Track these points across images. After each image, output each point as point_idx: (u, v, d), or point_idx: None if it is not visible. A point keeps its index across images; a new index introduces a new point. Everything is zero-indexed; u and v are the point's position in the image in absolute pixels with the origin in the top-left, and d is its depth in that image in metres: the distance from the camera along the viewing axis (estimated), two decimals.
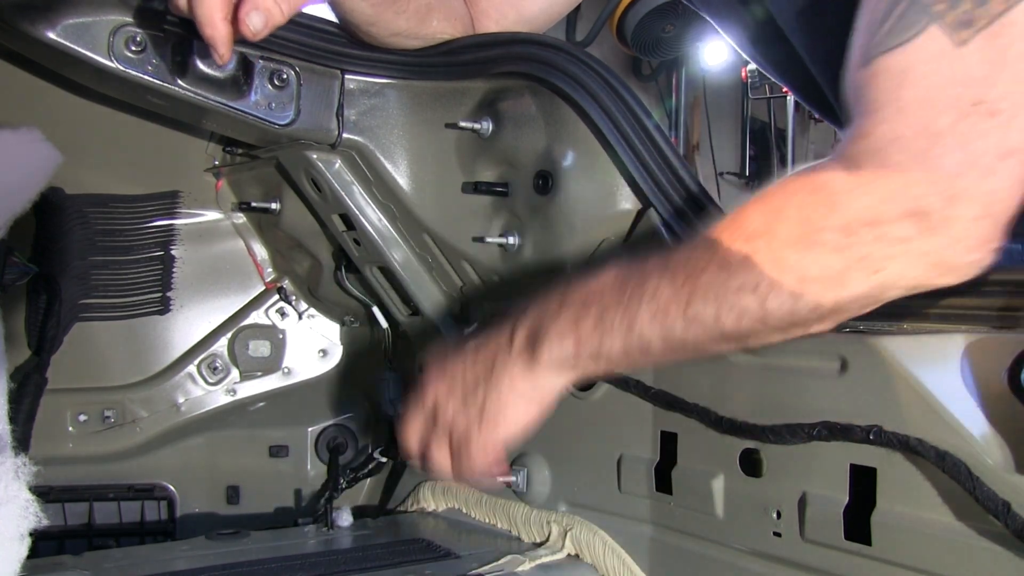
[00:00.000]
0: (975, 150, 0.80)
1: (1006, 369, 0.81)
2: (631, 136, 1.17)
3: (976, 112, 0.79)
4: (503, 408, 1.04)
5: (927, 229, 0.82)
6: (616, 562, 1.22)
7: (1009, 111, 0.79)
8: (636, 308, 0.95)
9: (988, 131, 0.79)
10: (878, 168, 0.83)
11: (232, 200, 1.74)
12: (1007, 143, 0.80)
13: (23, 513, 0.97)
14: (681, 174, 1.14)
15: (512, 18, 1.41)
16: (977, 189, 0.80)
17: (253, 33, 1.06)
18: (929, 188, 0.81)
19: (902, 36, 0.82)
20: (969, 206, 0.81)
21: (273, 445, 1.80)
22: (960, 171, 0.80)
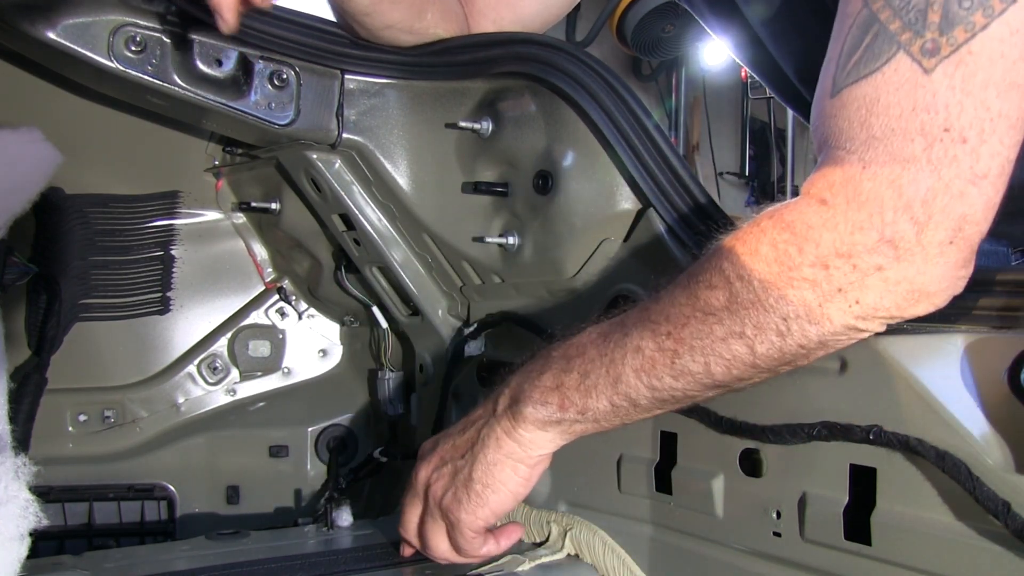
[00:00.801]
0: (946, 176, 0.81)
1: (1006, 369, 0.81)
2: (631, 136, 1.17)
3: (946, 139, 0.80)
4: (489, 473, 1.05)
5: (900, 257, 0.83)
6: (616, 562, 1.22)
7: (977, 137, 0.80)
8: (620, 364, 0.96)
9: (958, 157, 0.80)
10: (849, 199, 0.84)
11: (232, 200, 1.74)
12: (977, 168, 0.80)
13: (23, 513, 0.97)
14: (681, 174, 1.14)
15: (509, 19, 1.41)
16: (949, 214, 0.81)
17: None
18: (901, 215, 0.82)
19: (871, 66, 0.83)
20: (941, 232, 0.82)
21: (273, 445, 1.80)
22: (931, 197, 0.81)
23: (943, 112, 0.80)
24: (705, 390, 0.95)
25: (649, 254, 1.17)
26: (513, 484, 1.06)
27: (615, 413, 0.99)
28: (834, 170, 0.85)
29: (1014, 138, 0.81)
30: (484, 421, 1.06)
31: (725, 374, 0.92)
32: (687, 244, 1.12)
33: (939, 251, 0.82)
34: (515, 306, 1.39)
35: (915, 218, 0.82)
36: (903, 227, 0.82)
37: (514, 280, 1.38)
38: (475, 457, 1.06)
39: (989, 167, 0.81)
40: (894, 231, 0.82)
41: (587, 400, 0.99)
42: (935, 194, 0.81)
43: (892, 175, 0.82)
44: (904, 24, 0.81)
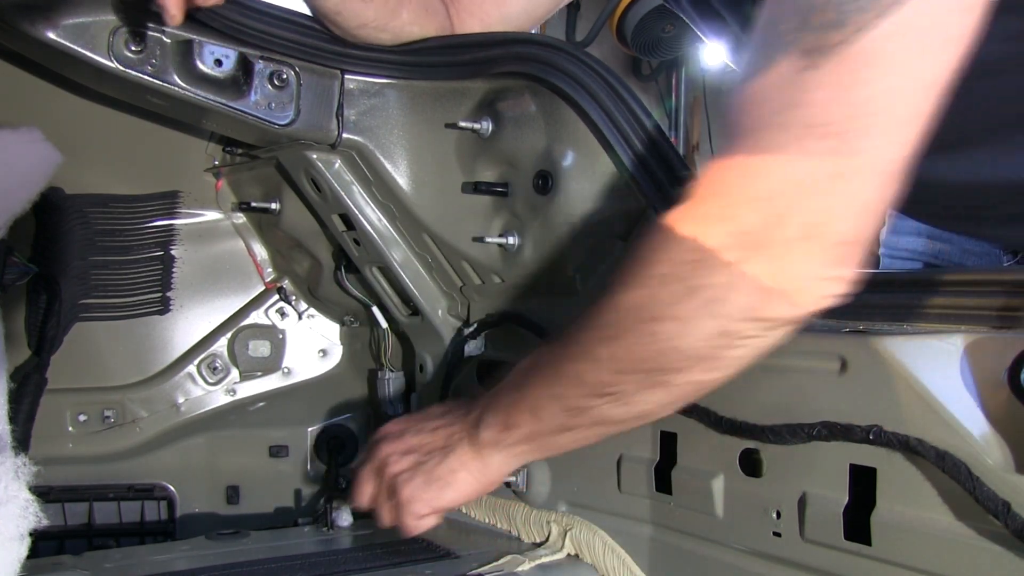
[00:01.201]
0: (802, 170, 0.79)
1: (1006, 369, 0.81)
2: (631, 136, 1.17)
3: (814, 134, 0.78)
4: (453, 479, 1.11)
5: (749, 250, 0.81)
6: (616, 562, 1.22)
7: (841, 135, 0.78)
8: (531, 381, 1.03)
9: (819, 152, 0.78)
10: (706, 193, 0.84)
11: (232, 200, 1.74)
12: (838, 166, 0.78)
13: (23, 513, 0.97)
14: (681, 174, 1.14)
15: (495, 16, 1.41)
16: (804, 209, 0.79)
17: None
18: (749, 207, 0.81)
19: (760, 65, 0.83)
20: (793, 227, 0.79)
21: (273, 445, 1.80)
22: (785, 190, 0.79)
23: (816, 108, 0.78)
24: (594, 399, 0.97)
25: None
26: (468, 493, 1.13)
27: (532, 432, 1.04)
28: (710, 165, 0.85)
29: (892, 137, 0.79)
30: (456, 434, 1.12)
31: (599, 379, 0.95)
32: None
33: (789, 247, 0.80)
34: (515, 306, 1.39)
35: (762, 211, 0.80)
36: (750, 220, 0.80)
37: (514, 280, 1.38)
38: (442, 460, 1.12)
39: (859, 165, 0.79)
40: (740, 224, 0.81)
41: (510, 417, 1.05)
42: (790, 187, 0.79)
43: (750, 168, 0.81)
44: (793, 26, 0.81)
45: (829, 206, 0.79)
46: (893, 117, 0.79)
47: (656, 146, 1.16)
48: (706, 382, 0.92)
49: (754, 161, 0.81)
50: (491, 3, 1.41)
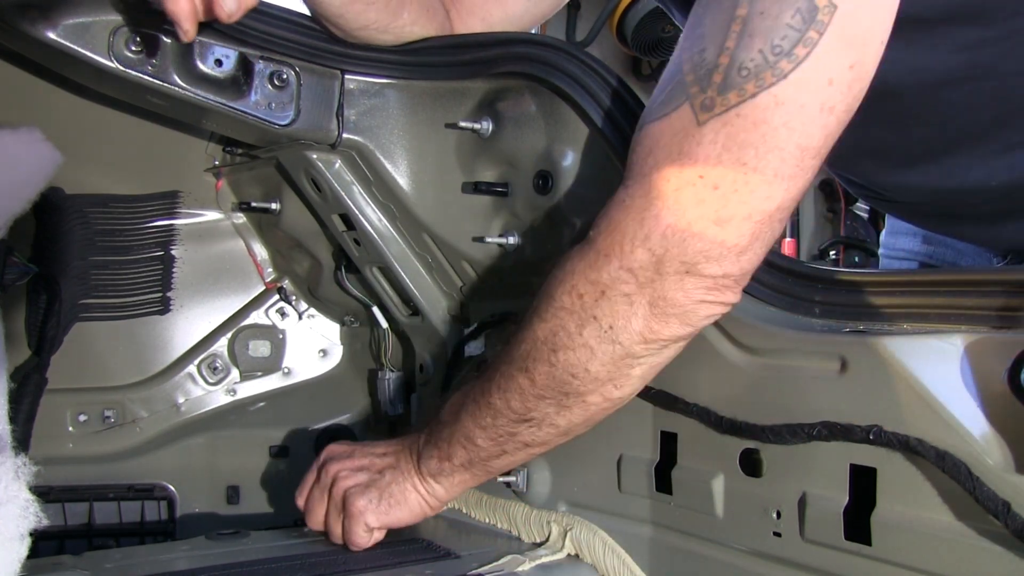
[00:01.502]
0: (689, 216, 0.90)
1: (1006, 369, 0.81)
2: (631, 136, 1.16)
3: (699, 184, 0.89)
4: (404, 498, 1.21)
5: (640, 283, 0.94)
6: (616, 562, 1.22)
7: (729, 187, 0.89)
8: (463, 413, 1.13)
9: (705, 201, 0.89)
10: (603, 230, 0.96)
11: (232, 200, 1.74)
12: (723, 212, 0.89)
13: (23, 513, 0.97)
14: None
15: (498, 16, 1.42)
16: (685, 249, 0.91)
17: (228, 15, 1.08)
18: (639, 246, 0.92)
19: (664, 110, 0.93)
20: (676, 263, 0.92)
21: (273, 445, 1.80)
22: (670, 233, 0.91)
23: (702, 161, 0.88)
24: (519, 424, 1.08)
25: None
26: (419, 511, 1.23)
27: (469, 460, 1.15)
28: (608, 204, 0.97)
29: (769, 191, 0.89)
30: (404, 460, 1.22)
31: (520, 406, 1.05)
32: None
33: (676, 280, 0.92)
34: (515, 306, 1.39)
35: (652, 249, 0.92)
36: (641, 257, 0.92)
37: (514, 280, 1.38)
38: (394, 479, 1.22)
39: (735, 213, 0.89)
40: (631, 261, 0.93)
41: (450, 449, 1.15)
42: (674, 231, 0.90)
43: (642, 209, 0.92)
44: (695, 79, 0.90)
45: (706, 248, 0.91)
46: (771, 174, 0.88)
47: None
48: (615, 398, 1.04)
49: (645, 206, 0.92)
50: (493, 2, 1.41)
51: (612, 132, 1.18)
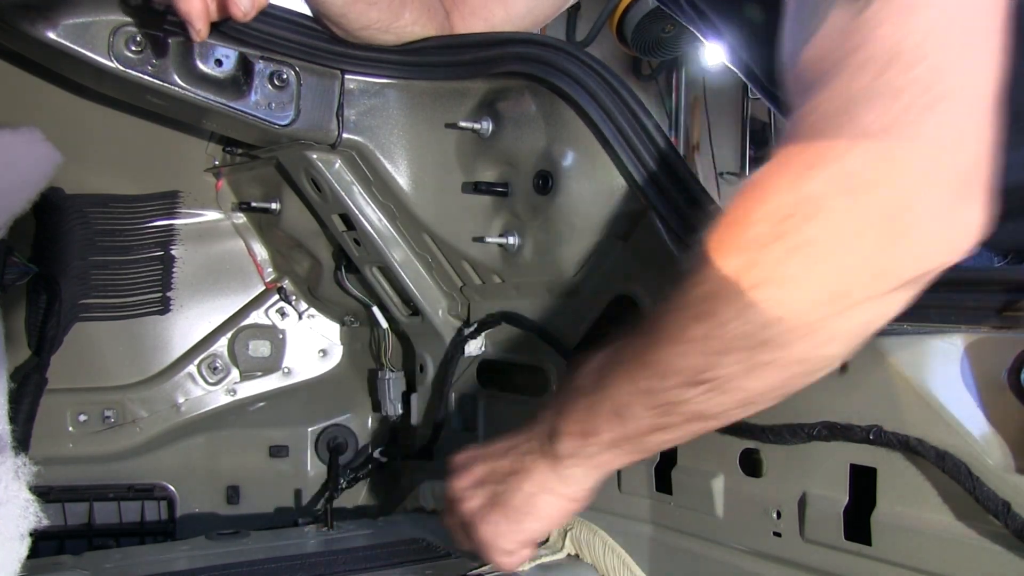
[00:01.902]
0: (905, 98, 0.73)
1: (1006, 369, 0.81)
2: (631, 136, 1.17)
3: (900, 62, 0.73)
4: (532, 505, 1.02)
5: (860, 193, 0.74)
6: (616, 562, 1.22)
7: (935, 54, 0.73)
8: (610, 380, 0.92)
9: (917, 77, 0.73)
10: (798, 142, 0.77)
11: (232, 200, 1.74)
12: (940, 86, 0.73)
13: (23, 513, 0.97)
14: (681, 174, 1.14)
15: (500, 16, 1.41)
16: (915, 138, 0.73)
17: (243, 14, 1.07)
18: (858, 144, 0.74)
19: (815, 22, 0.79)
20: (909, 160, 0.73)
21: (273, 445, 1.80)
22: (890, 121, 0.73)
23: (890, 39, 0.74)
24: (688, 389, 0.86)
25: (649, 254, 1.17)
26: (553, 513, 1.03)
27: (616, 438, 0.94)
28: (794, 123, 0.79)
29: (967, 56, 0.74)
30: (529, 453, 1.03)
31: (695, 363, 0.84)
32: (687, 244, 1.12)
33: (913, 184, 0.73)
34: (515, 306, 1.39)
35: (875, 146, 0.73)
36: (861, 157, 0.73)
37: (514, 280, 1.38)
38: (518, 485, 1.03)
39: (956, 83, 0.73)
40: (851, 162, 0.74)
41: (590, 423, 0.95)
42: (895, 117, 0.73)
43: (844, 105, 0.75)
44: None
45: (941, 131, 0.73)
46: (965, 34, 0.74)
47: (656, 146, 1.16)
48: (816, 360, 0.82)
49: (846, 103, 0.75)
50: (496, 3, 1.41)
51: (612, 132, 1.18)
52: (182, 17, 1.08)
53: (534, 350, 1.36)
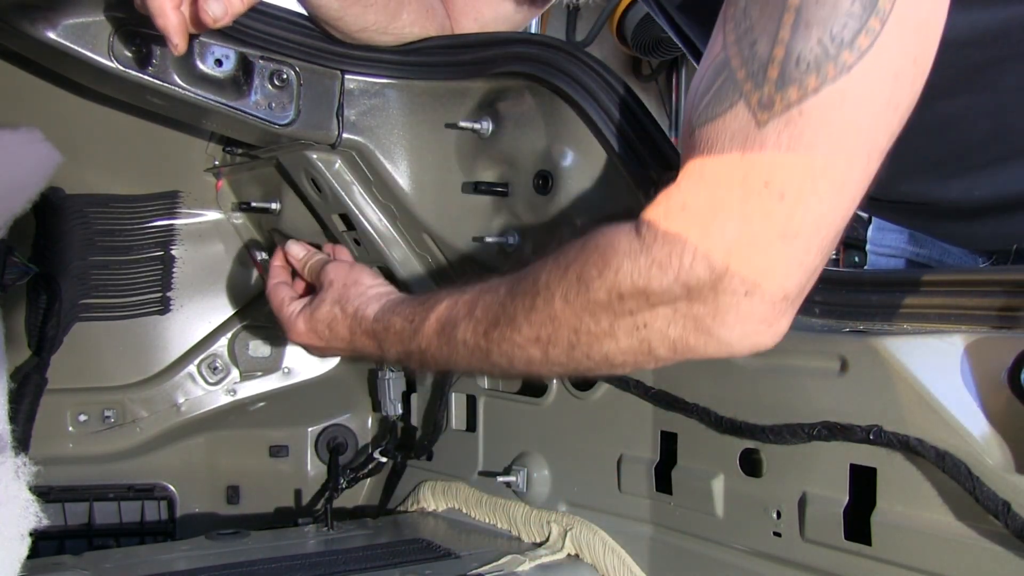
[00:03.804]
0: (754, 228, 0.81)
1: (1006, 369, 0.81)
2: (631, 136, 1.17)
3: (764, 193, 0.81)
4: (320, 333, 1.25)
5: (692, 298, 0.85)
6: (616, 562, 1.22)
7: (795, 195, 0.80)
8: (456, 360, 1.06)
9: (772, 212, 0.81)
10: (658, 235, 0.86)
11: (232, 200, 1.74)
12: (790, 226, 0.81)
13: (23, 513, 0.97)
14: None
15: (489, 16, 1.42)
16: (748, 266, 0.82)
17: (213, 20, 1.08)
18: (700, 260, 0.83)
19: (716, 109, 0.84)
20: (737, 282, 0.83)
21: (273, 445, 1.80)
22: (734, 247, 0.82)
23: (766, 166, 0.80)
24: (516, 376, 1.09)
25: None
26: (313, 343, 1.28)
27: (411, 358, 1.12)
28: (661, 203, 0.87)
29: (838, 200, 0.82)
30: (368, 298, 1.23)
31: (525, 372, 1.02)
32: None
33: (734, 301, 0.83)
34: None
35: (713, 265, 0.83)
36: (699, 272, 0.83)
37: None
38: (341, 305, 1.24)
39: (803, 226, 0.81)
40: (689, 275, 0.84)
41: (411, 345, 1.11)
42: (739, 245, 0.82)
43: (704, 219, 0.83)
44: (748, 74, 0.82)
45: (771, 265, 0.82)
46: (839, 180, 0.81)
47: (656, 146, 1.16)
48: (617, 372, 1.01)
49: (708, 216, 0.83)
50: (484, 3, 1.41)
51: (612, 132, 1.18)
52: (160, 32, 1.08)
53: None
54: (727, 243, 0.82)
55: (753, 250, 0.82)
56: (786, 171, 0.80)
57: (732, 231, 0.82)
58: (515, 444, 1.40)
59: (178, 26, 1.07)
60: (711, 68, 0.86)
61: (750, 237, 0.82)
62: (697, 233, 0.84)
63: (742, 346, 0.87)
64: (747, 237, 0.82)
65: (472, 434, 1.50)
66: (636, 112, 1.17)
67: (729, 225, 0.82)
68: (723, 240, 0.82)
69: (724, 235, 0.82)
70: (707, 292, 0.84)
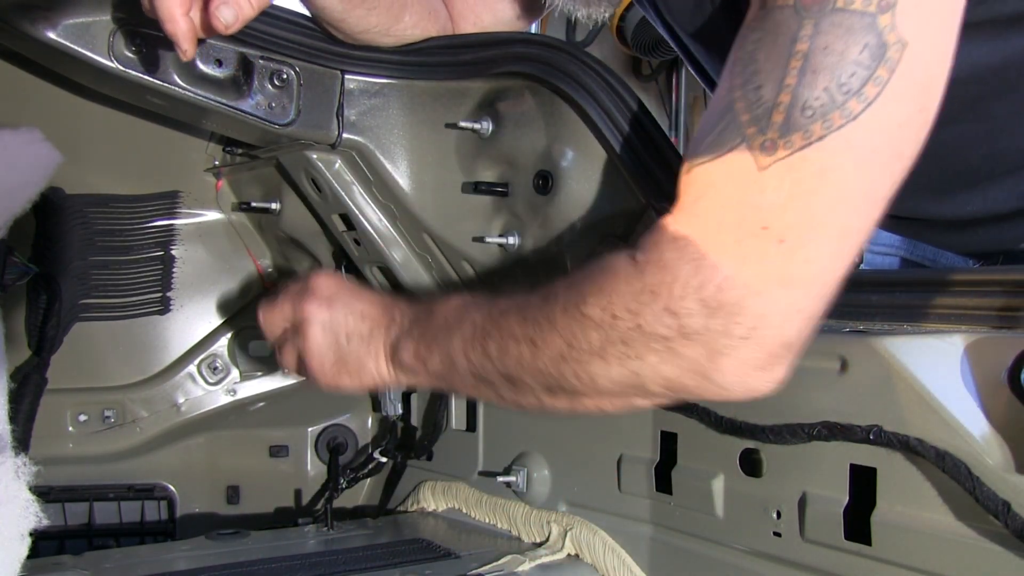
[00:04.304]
0: (750, 271, 0.80)
1: (1006, 369, 0.81)
2: (631, 136, 1.17)
3: (762, 236, 0.80)
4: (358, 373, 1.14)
5: (684, 334, 0.83)
6: (616, 562, 1.22)
7: (795, 241, 0.79)
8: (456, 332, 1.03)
9: (769, 256, 0.80)
10: (652, 262, 0.84)
11: (232, 200, 1.74)
12: (788, 271, 0.80)
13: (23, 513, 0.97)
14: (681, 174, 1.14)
15: (488, 19, 1.42)
16: (743, 310, 0.80)
17: (225, 27, 1.07)
18: (691, 293, 0.81)
19: (717, 150, 0.83)
20: (731, 324, 0.81)
21: (273, 445, 1.80)
22: (727, 287, 0.80)
23: (765, 211, 0.80)
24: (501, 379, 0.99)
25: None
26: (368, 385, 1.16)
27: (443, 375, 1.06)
28: (656, 231, 0.86)
29: (838, 248, 0.81)
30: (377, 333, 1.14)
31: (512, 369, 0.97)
32: None
33: (727, 343, 0.81)
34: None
35: (705, 301, 0.81)
36: (690, 305, 0.82)
37: (514, 280, 1.38)
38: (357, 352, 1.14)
39: (802, 273, 0.80)
40: (680, 307, 0.82)
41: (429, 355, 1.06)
42: (732, 285, 0.80)
43: (697, 255, 0.82)
44: (752, 118, 0.81)
45: (769, 311, 0.81)
46: (840, 229, 0.80)
47: (656, 146, 1.16)
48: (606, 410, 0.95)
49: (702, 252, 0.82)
50: (483, 6, 1.41)
51: (612, 132, 1.18)
52: (169, 38, 1.07)
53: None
54: (719, 282, 0.81)
55: (748, 293, 0.80)
56: (786, 216, 0.79)
57: (725, 271, 0.81)
58: (515, 444, 1.40)
59: (187, 32, 1.07)
60: (715, 111, 0.85)
61: (745, 280, 0.80)
62: (689, 268, 0.82)
63: (738, 392, 0.85)
64: (742, 279, 0.80)
65: (472, 434, 1.51)
66: (636, 112, 1.17)
67: (723, 264, 0.81)
68: (715, 279, 0.81)
69: (716, 274, 0.81)
70: (700, 330, 0.82)
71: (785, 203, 0.79)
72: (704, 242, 0.82)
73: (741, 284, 0.80)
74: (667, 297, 0.83)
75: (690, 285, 0.82)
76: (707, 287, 0.81)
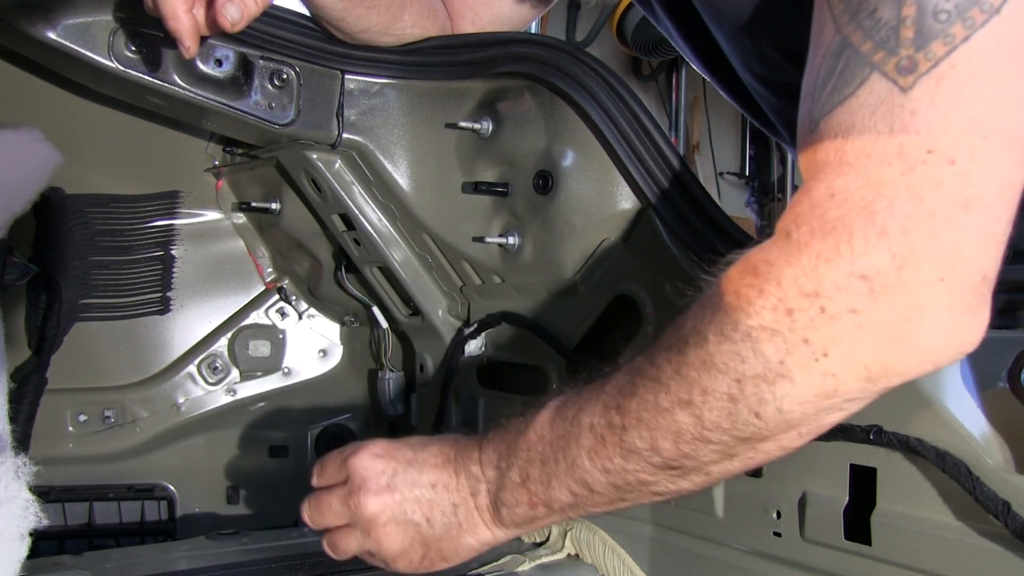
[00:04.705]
0: (930, 202, 0.70)
1: (1006, 369, 0.81)
2: (631, 136, 1.17)
3: (930, 161, 0.70)
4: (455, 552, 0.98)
5: (876, 296, 0.71)
6: (616, 562, 1.22)
7: (967, 158, 0.70)
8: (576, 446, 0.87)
9: (944, 181, 0.70)
10: (815, 228, 0.73)
11: (232, 200, 1.75)
12: (968, 192, 0.70)
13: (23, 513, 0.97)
14: (681, 174, 1.14)
15: (487, 18, 1.42)
16: (936, 245, 0.70)
17: (231, 24, 1.07)
18: (875, 244, 0.71)
19: (844, 92, 0.75)
20: (927, 266, 0.70)
21: (273, 445, 1.80)
22: (912, 225, 0.70)
23: (925, 132, 0.70)
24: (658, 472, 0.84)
25: (649, 254, 1.17)
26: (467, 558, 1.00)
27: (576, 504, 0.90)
28: (802, 201, 0.75)
29: (1012, 157, 0.71)
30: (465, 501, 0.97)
31: (674, 450, 0.81)
32: (687, 244, 1.12)
33: (927, 291, 0.70)
34: (515, 306, 1.39)
35: (892, 248, 0.70)
36: (878, 258, 0.70)
37: (514, 280, 1.38)
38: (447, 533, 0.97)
39: (983, 191, 0.70)
40: (867, 263, 0.71)
41: (549, 492, 0.90)
42: (917, 222, 0.70)
43: (864, 201, 0.71)
44: (876, 44, 0.73)
45: (962, 240, 0.70)
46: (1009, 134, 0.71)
47: (656, 146, 1.16)
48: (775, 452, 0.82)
49: (869, 196, 0.71)
50: (482, 5, 1.41)
51: (612, 132, 1.18)
52: (171, 35, 1.07)
53: (534, 350, 1.36)
54: (900, 223, 0.70)
55: (935, 226, 0.70)
56: (950, 132, 0.70)
57: (902, 209, 0.70)
58: None
59: (190, 29, 1.07)
60: (826, 57, 0.76)
61: (927, 213, 0.69)
62: (861, 219, 0.71)
63: (947, 350, 0.73)
64: (923, 213, 0.70)
65: None
66: (636, 112, 1.17)
67: (897, 203, 0.70)
68: (894, 220, 0.70)
69: (894, 215, 0.70)
70: (894, 285, 0.70)
71: (944, 118, 0.70)
72: (868, 187, 0.71)
73: (925, 219, 0.70)
74: (849, 256, 0.71)
75: (870, 235, 0.71)
76: (891, 231, 0.70)
